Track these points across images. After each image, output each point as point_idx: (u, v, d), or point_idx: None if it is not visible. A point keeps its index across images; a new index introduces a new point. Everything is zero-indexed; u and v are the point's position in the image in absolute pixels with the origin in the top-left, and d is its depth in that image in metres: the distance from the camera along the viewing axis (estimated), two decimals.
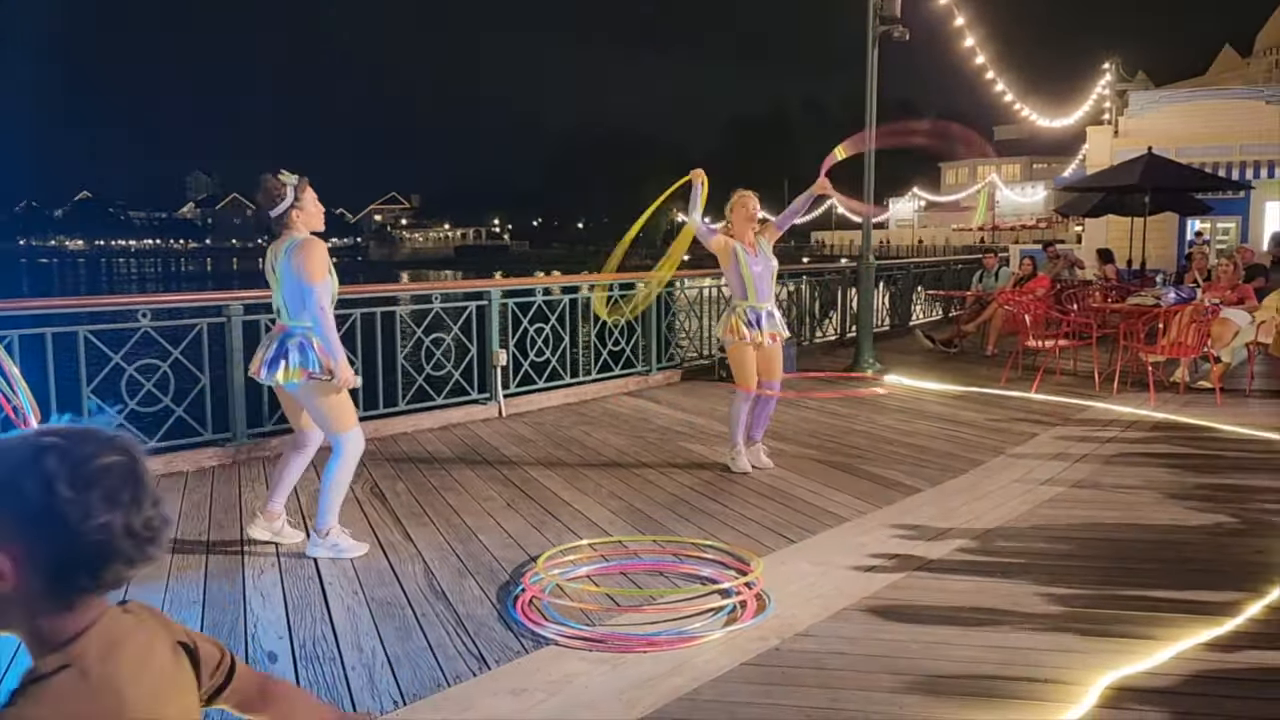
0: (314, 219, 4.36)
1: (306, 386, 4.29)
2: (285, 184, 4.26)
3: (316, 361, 4.25)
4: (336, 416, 4.37)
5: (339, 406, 4.37)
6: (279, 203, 4.25)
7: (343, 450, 4.40)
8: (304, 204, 4.30)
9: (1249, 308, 9.05)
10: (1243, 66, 48.19)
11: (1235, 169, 20.20)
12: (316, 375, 4.25)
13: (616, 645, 3.45)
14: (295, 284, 4.23)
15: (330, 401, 4.33)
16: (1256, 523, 4.81)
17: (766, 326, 5.90)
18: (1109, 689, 3.06)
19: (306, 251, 4.22)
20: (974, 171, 75.56)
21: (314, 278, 4.19)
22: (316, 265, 4.20)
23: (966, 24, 14.27)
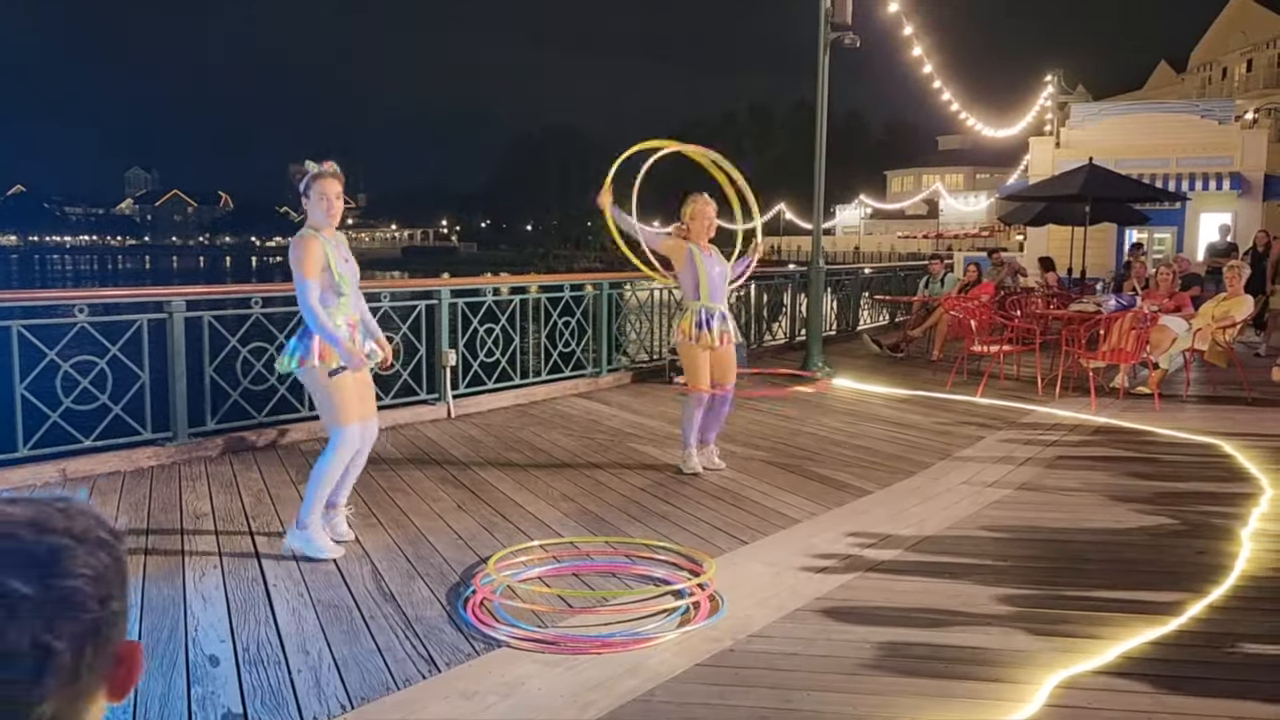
0: (315, 212, 4.32)
1: (307, 374, 4.30)
2: (305, 171, 4.32)
3: (311, 350, 4.24)
4: (335, 408, 4.34)
5: (339, 399, 4.33)
6: (299, 188, 4.32)
7: (336, 444, 4.35)
8: (312, 195, 4.30)
9: (1186, 315, 9.27)
10: (1178, 82, 49.48)
11: (1172, 180, 20.73)
12: (310, 362, 4.23)
13: (569, 647, 3.41)
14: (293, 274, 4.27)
15: (330, 392, 4.31)
16: (1196, 524, 4.91)
17: (719, 328, 5.90)
18: (1058, 688, 3.09)
19: (295, 248, 4.26)
20: (919, 179, 76.66)
21: (304, 274, 4.20)
22: (303, 262, 4.21)
23: (915, 33, 14.45)
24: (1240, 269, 9.50)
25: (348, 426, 4.36)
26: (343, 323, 4.34)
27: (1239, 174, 21.51)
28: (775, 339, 12.61)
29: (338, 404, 4.34)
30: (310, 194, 4.30)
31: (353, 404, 4.38)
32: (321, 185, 4.30)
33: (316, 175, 4.30)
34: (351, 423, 4.37)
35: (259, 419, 6.58)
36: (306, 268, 4.22)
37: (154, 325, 6.08)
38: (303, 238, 4.28)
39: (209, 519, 4.91)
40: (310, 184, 4.29)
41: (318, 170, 4.31)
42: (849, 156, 71.70)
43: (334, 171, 4.36)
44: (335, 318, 4.30)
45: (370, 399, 4.62)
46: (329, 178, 4.32)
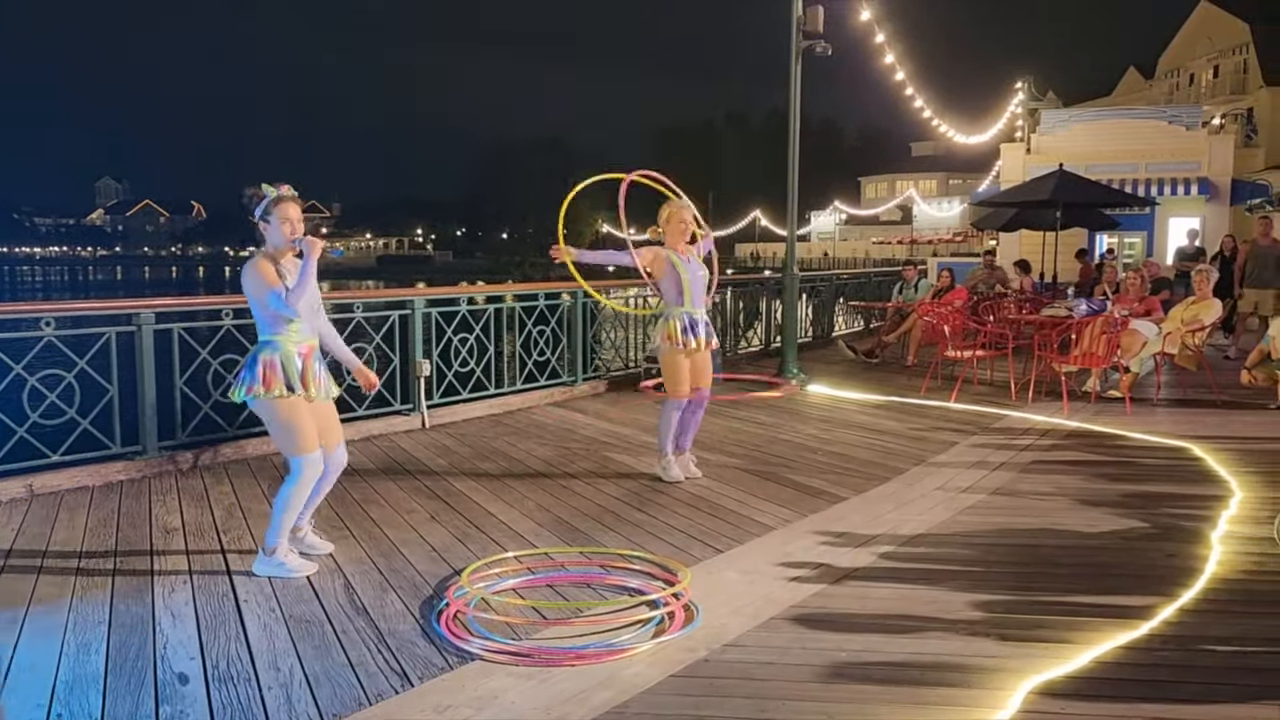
0: (275, 236, 4.20)
1: (258, 405, 4.22)
2: (262, 194, 4.21)
3: (256, 378, 4.15)
4: (291, 437, 4.24)
5: (294, 426, 4.23)
6: (251, 211, 4.22)
7: (300, 473, 4.25)
8: (271, 220, 4.19)
9: (1156, 319, 9.36)
10: (1146, 88, 49.99)
11: (1141, 186, 20.99)
12: (254, 390, 4.15)
13: (543, 659, 3.39)
14: (250, 301, 4.22)
15: (280, 419, 4.22)
16: (1167, 527, 4.95)
17: (704, 333, 5.92)
18: (1032, 693, 3.10)
19: (248, 273, 4.17)
20: (892, 186, 77.16)
21: (267, 287, 4.13)
22: (257, 280, 4.14)
23: (886, 41, 14.54)
24: (1209, 273, 9.62)
25: (308, 454, 4.26)
26: (294, 349, 4.24)
27: (1206, 179, 21.82)
28: (751, 345, 12.64)
29: (293, 432, 4.24)
30: (271, 218, 4.17)
31: (308, 430, 4.27)
32: (284, 209, 4.18)
33: (277, 199, 4.18)
34: (311, 450, 4.27)
35: (231, 431, 6.52)
36: (262, 287, 4.13)
37: (123, 338, 6.01)
38: (251, 263, 4.18)
39: (179, 534, 4.85)
40: (270, 208, 4.17)
41: (277, 194, 4.19)
42: (824, 163, 72.05)
43: (293, 195, 4.25)
44: (287, 344, 4.22)
45: (333, 429, 4.50)
46: (289, 201, 4.20)
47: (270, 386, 4.15)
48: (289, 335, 4.23)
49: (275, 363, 4.18)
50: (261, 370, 4.16)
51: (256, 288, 4.15)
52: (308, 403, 4.26)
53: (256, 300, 4.19)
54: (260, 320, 4.24)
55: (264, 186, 4.22)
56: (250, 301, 4.22)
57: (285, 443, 4.28)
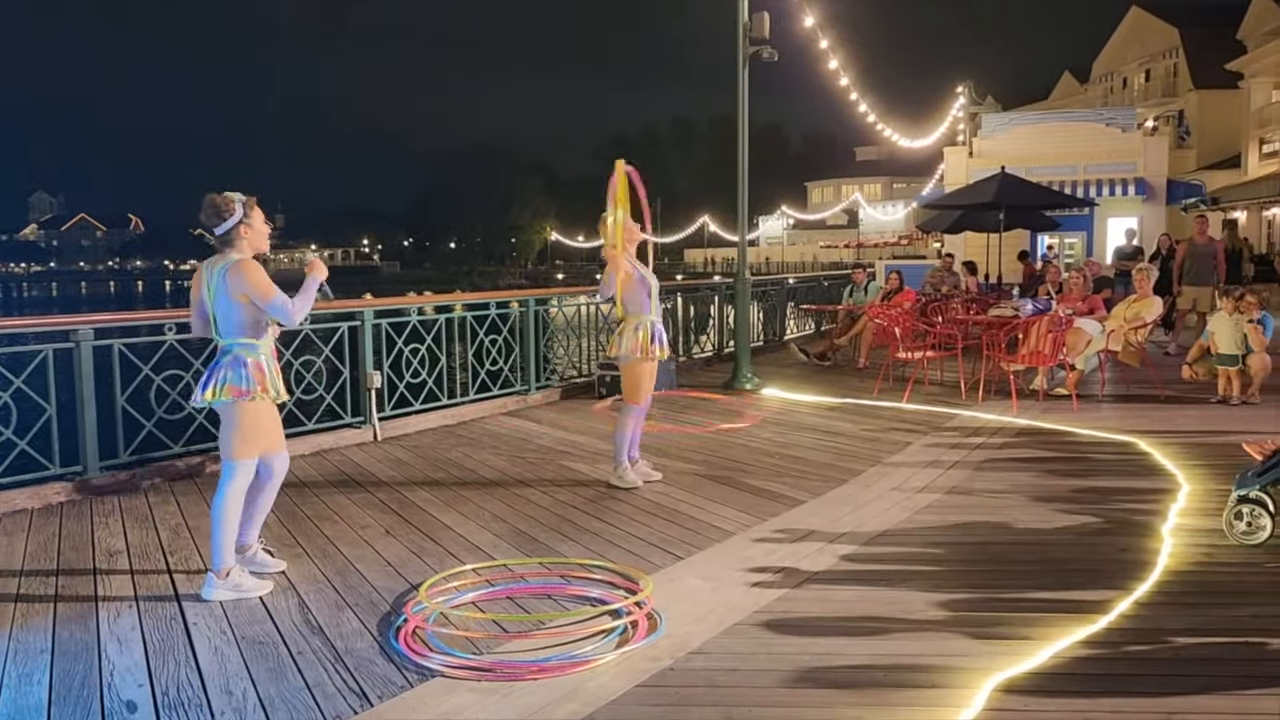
0: (260, 238, 4.25)
1: (232, 405, 4.14)
2: (235, 200, 4.17)
3: (249, 379, 4.11)
4: (243, 440, 4.19)
5: (252, 432, 4.20)
6: (227, 218, 4.15)
7: (230, 477, 4.19)
8: (253, 221, 4.20)
9: (1099, 317, 9.54)
10: (1081, 92, 51.13)
11: (1080, 187, 21.43)
12: (249, 393, 4.11)
13: (505, 674, 3.33)
14: (230, 304, 4.13)
15: (247, 424, 4.17)
16: (1119, 522, 5.02)
17: (665, 341, 6.01)
18: (995, 691, 3.11)
19: (249, 273, 4.12)
20: (838, 190, 77.99)
21: (266, 293, 4.11)
22: (261, 280, 4.13)
23: (830, 47, 14.67)
24: (1149, 272, 9.82)
25: (250, 459, 4.22)
26: (268, 353, 4.25)
27: (1143, 179, 22.35)
28: (703, 351, 12.65)
29: (253, 436, 4.20)
30: (252, 221, 4.20)
31: (262, 438, 4.25)
32: (258, 211, 4.24)
33: (251, 202, 4.21)
34: (254, 456, 4.23)
35: (175, 449, 6.36)
36: (269, 288, 4.13)
37: (60, 355, 5.84)
38: (247, 262, 4.16)
39: (123, 556, 4.70)
40: (249, 211, 4.19)
41: (248, 197, 4.22)
42: (770, 168, 72.56)
43: (255, 197, 4.27)
44: (263, 348, 4.21)
45: (281, 432, 4.47)
46: (257, 203, 4.25)
47: (265, 389, 4.16)
48: (265, 341, 4.24)
49: (262, 365, 4.19)
50: (253, 372, 4.13)
51: (257, 290, 4.11)
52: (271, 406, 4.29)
53: (248, 303, 4.12)
54: (237, 323, 4.15)
55: (230, 194, 4.19)
56: (233, 305, 4.12)
57: (238, 446, 4.19)
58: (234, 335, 4.17)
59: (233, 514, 4.19)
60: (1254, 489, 4.59)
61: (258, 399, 4.15)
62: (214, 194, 4.19)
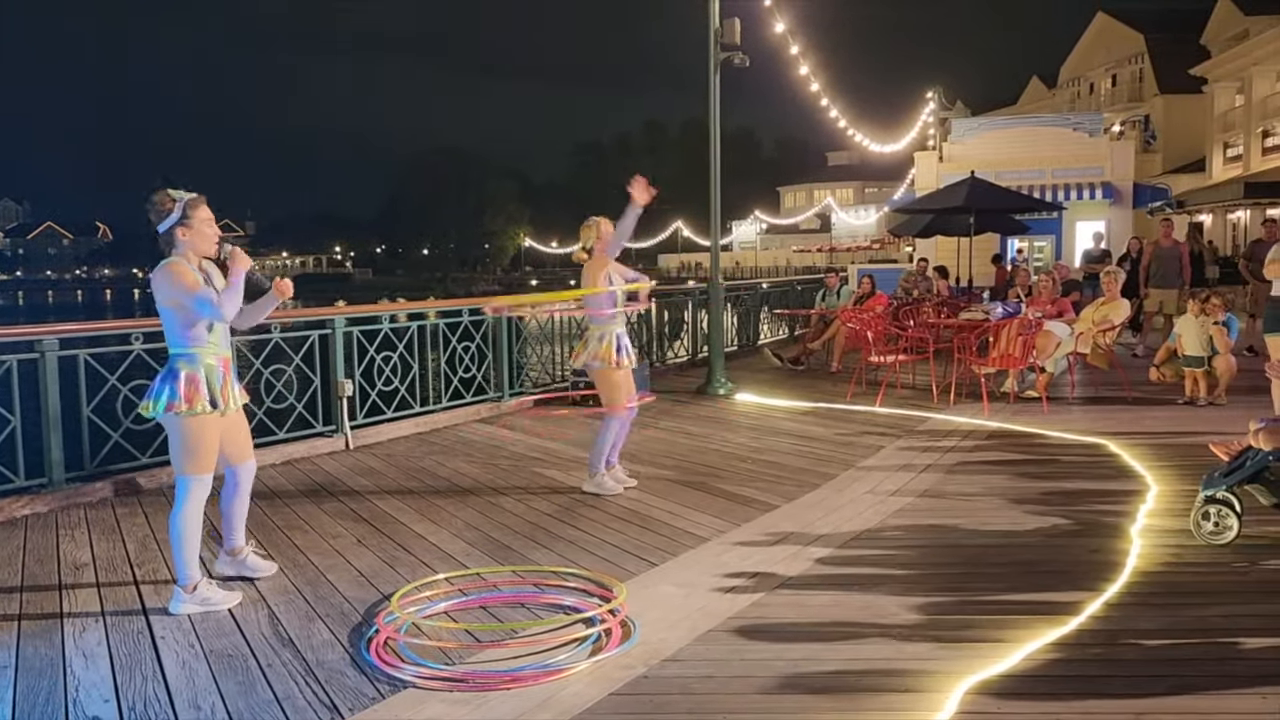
0: (204, 240, 4.09)
1: (174, 420, 4.03)
2: (174, 198, 4.04)
3: (178, 393, 3.99)
4: (194, 457, 4.07)
5: (201, 446, 4.08)
6: (165, 218, 4.03)
7: (185, 494, 4.09)
8: (192, 222, 4.06)
9: (1068, 320, 9.63)
10: (1049, 97, 51.68)
11: (1048, 191, 21.65)
12: (175, 406, 3.98)
13: (478, 684, 3.31)
14: (162, 310, 4.05)
15: (189, 439, 4.05)
16: (1089, 523, 5.06)
17: (632, 347, 6.00)
18: (968, 694, 3.12)
19: (172, 275, 3.99)
20: (810, 195, 78.37)
21: (189, 292, 3.98)
22: (179, 282, 3.98)
23: (801, 52, 14.73)
24: (1117, 274, 9.92)
25: (203, 475, 4.11)
26: (214, 361, 4.12)
27: (1110, 183, 22.60)
28: (677, 356, 12.66)
29: (198, 452, 4.08)
30: (191, 220, 4.05)
31: (213, 451, 4.15)
32: (201, 210, 4.08)
33: (194, 200, 4.06)
34: (207, 471, 4.12)
35: (143, 460, 6.28)
36: (189, 286, 3.99)
37: (25, 366, 5.75)
38: (168, 264, 4.03)
39: (89, 569, 4.63)
40: (189, 210, 4.05)
41: (192, 195, 4.07)
42: (743, 173, 72.83)
43: (203, 196, 4.14)
44: (205, 356, 4.09)
45: (245, 437, 4.41)
46: (203, 202, 4.09)
47: (193, 403, 4.00)
48: (207, 348, 4.09)
49: (197, 378, 4.04)
50: (183, 386, 4.00)
51: (179, 293, 3.98)
52: (220, 418, 4.14)
53: (176, 307, 4.01)
54: (176, 333, 4.05)
55: (172, 190, 4.07)
56: (164, 312, 4.04)
57: (185, 461, 4.07)
58: (175, 344, 4.07)
59: (191, 529, 4.08)
60: (1221, 489, 4.64)
61: (188, 414, 4.00)
62: (157, 190, 4.06)
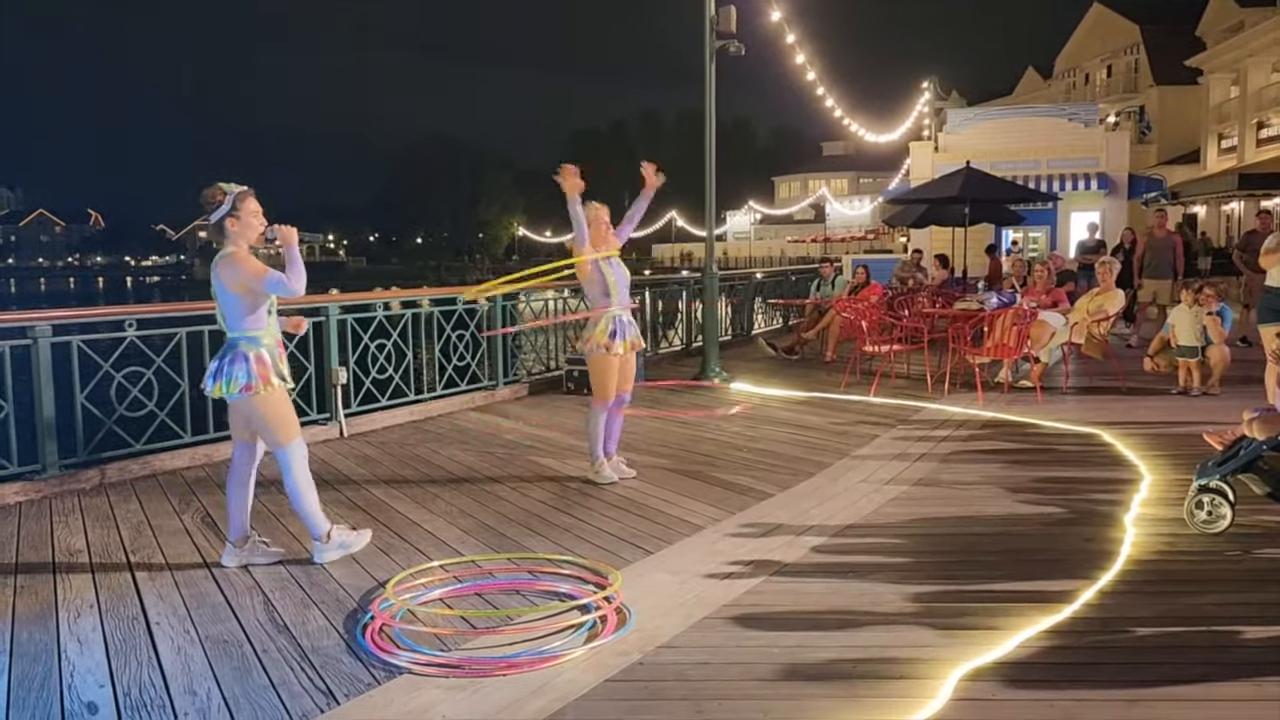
0: (251, 230, 4.30)
1: (253, 400, 4.27)
2: (225, 191, 4.24)
3: (253, 374, 4.24)
4: (280, 427, 4.36)
5: (283, 417, 4.37)
6: (216, 210, 4.23)
7: (291, 460, 4.39)
8: (241, 214, 4.26)
9: (1062, 310, 9.64)
10: (1044, 87, 51.63)
11: (1043, 182, 21.63)
12: (252, 387, 4.23)
13: (474, 670, 3.31)
14: (228, 297, 4.24)
15: (271, 414, 4.33)
16: (1083, 512, 5.08)
17: (630, 335, 5.89)
18: (962, 681, 3.13)
19: (238, 263, 4.20)
20: (805, 185, 78.31)
21: (256, 277, 4.18)
22: (248, 268, 4.19)
23: (797, 41, 14.70)
24: (1111, 265, 9.94)
25: (296, 440, 4.41)
26: (271, 342, 4.36)
27: (1105, 174, 22.59)
28: (672, 346, 12.65)
29: (287, 421, 4.38)
30: (240, 212, 4.25)
31: (294, 416, 4.47)
32: (250, 202, 4.28)
33: (243, 194, 4.26)
34: (299, 434, 4.44)
35: (137, 447, 6.26)
36: (257, 270, 4.19)
37: (17, 352, 5.73)
38: (233, 253, 4.22)
39: (84, 556, 4.63)
40: (238, 203, 4.25)
41: (242, 189, 4.27)
42: (737, 163, 72.66)
43: (251, 189, 4.32)
44: (265, 338, 4.32)
45: None
46: (251, 195, 4.30)
47: (268, 381, 4.27)
48: (267, 331, 4.34)
49: (265, 357, 4.29)
50: (255, 366, 4.25)
51: (250, 278, 4.18)
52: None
53: (245, 293, 4.21)
54: (240, 317, 4.26)
55: (223, 185, 4.25)
56: (230, 298, 4.23)
57: (278, 433, 4.36)
58: (238, 328, 4.28)
59: (306, 487, 4.43)
60: (1214, 479, 4.66)
61: (264, 391, 4.26)
62: (211, 184, 4.26)
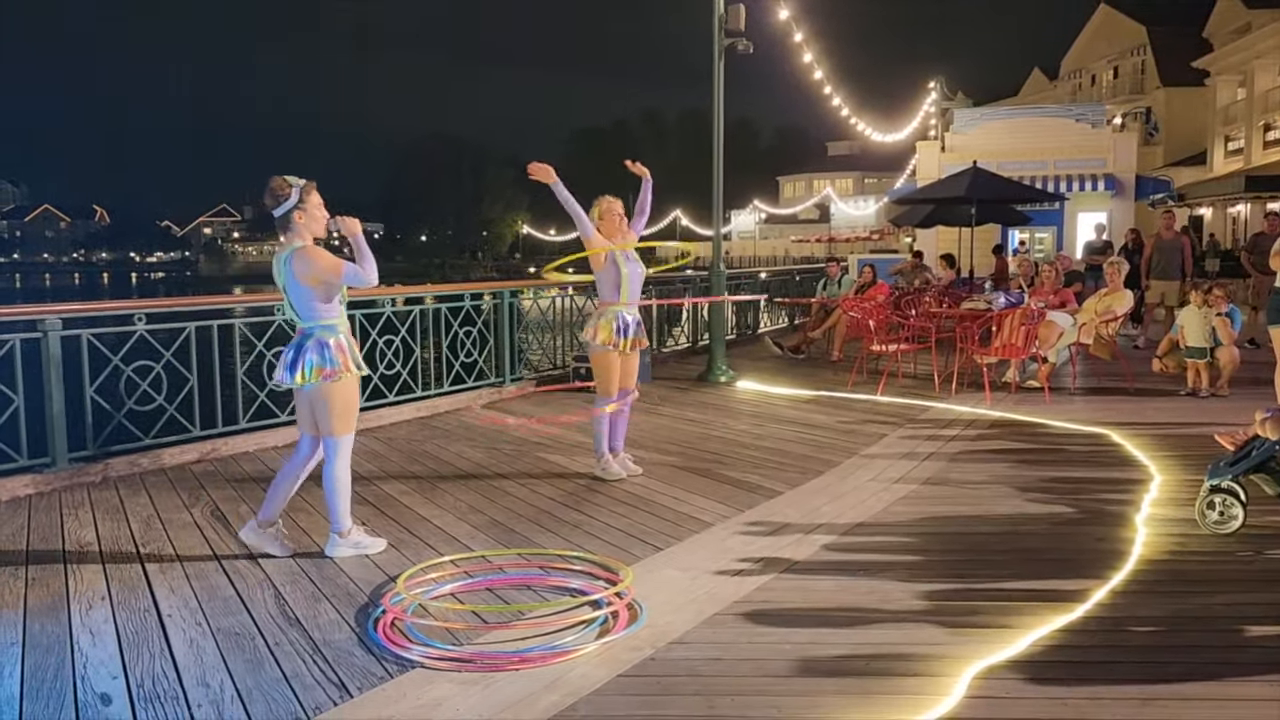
0: (317, 224, 4.39)
1: (322, 387, 4.35)
2: (291, 185, 4.33)
3: (334, 360, 4.34)
4: (341, 416, 4.44)
5: (345, 409, 4.46)
6: (282, 203, 4.31)
7: (336, 452, 4.46)
8: (308, 207, 4.34)
9: (1070, 311, 9.63)
10: (1050, 88, 51.56)
11: (1050, 182, 21.60)
12: (335, 373, 4.33)
13: (486, 664, 3.31)
14: (299, 290, 4.32)
15: (339, 402, 4.41)
16: (1093, 512, 5.07)
17: (634, 333, 5.88)
18: (976, 678, 3.13)
19: (314, 257, 4.29)
20: (810, 185, 78.21)
21: (335, 271, 4.29)
22: (327, 262, 4.30)
23: (804, 40, 14.69)
24: (1120, 265, 9.91)
25: (346, 435, 4.48)
26: (343, 330, 4.46)
27: (1112, 175, 22.57)
28: (677, 344, 12.65)
29: (348, 411, 4.47)
30: (306, 205, 4.33)
31: (356, 411, 4.58)
32: (315, 195, 4.36)
33: (308, 186, 4.34)
34: (350, 430, 4.51)
35: (146, 441, 6.27)
36: (333, 266, 4.29)
37: (28, 345, 5.73)
38: (308, 248, 4.32)
39: (94, 548, 4.63)
40: (304, 195, 4.32)
41: (307, 182, 4.35)
42: (742, 162, 72.41)
43: (314, 182, 4.40)
44: (339, 327, 4.42)
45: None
46: (315, 188, 4.38)
47: (347, 367, 4.38)
48: (339, 320, 4.43)
49: (344, 344, 4.41)
50: (335, 353, 4.35)
51: (326, 270, 4.28)
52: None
53: (320, 285, 4.30)
54: (314, 308, 4.34)
55: (290, 178, 4.33)
56: (303, 290, 4.30)
57: (336, 423, 4.42)
58: (312, 318, 4.36)
59: (344, 481, 4.48)
60: (1226, 479, 4.65)
61: (343, 378, 4.36)
62: (276, 176, 4.34)
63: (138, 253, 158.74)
